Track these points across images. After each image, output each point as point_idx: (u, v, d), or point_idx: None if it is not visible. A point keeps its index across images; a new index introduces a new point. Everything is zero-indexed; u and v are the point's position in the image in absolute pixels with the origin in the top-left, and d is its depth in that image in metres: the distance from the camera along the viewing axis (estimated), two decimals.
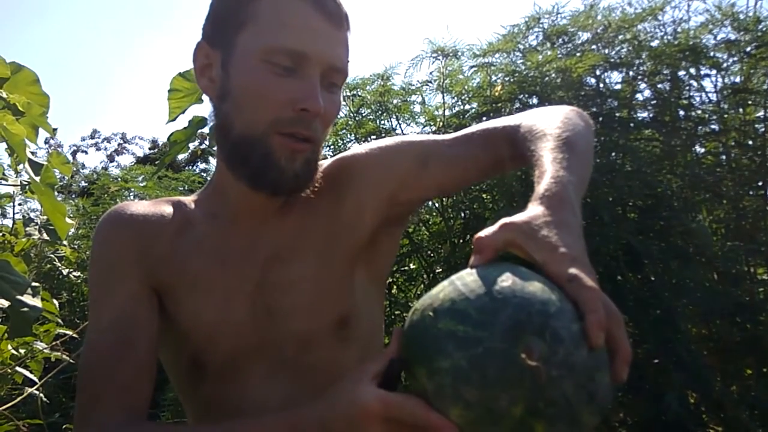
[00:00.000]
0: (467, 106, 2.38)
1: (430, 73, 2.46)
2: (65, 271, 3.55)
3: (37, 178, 1.47)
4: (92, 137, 17.15)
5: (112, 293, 0.80)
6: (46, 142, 13.25)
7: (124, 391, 0.76)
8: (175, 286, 0.82)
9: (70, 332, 2.17)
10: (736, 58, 2.01)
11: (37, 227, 2.01)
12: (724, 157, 2.07)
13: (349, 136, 2.58)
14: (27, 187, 1.79)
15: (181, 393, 0.88)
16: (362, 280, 0.88)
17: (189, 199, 0.89)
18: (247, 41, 0.76)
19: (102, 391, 0.76)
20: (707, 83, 2.06)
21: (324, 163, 0.89)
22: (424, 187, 0.87)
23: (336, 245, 0.85)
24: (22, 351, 1.97)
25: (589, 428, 0.50)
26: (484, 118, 2.28)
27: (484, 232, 0.59)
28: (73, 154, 16.38)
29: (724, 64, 2.02)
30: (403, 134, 0.86)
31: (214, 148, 0.90)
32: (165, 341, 0.83)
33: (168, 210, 0.86)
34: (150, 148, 16.53)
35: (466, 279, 0.55)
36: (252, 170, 0.78)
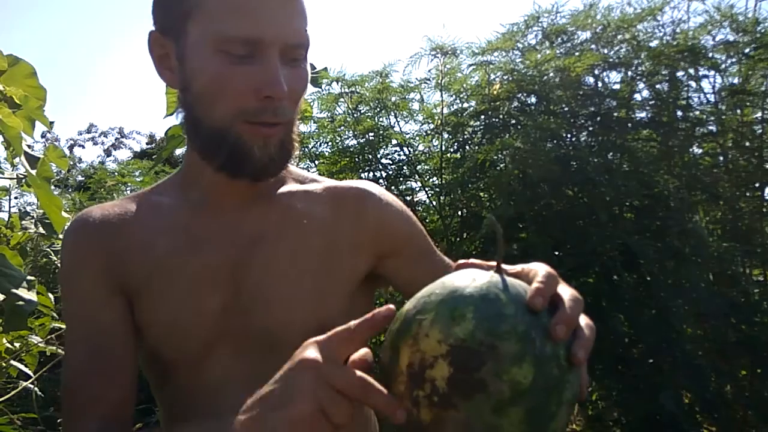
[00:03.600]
0: (465, 104, 2.38)
1: (429, 71, 2.46)
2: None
3: (34, 172, 1.47)
4: (89, 131, 17.11)
5: (81, 304, 0.80)
6: (43, 135, 13.21)
7: (96, 402, 0.75)
8: (146, 277, 0.79)
9: (65, 326, 2.17)
10: (734, 60, 2.01)
11: (33, 221, 2.01)
12: (721, 158, 2.07)
13: (347, 132, 2.57)
14: (23, 181, 1.78)
15: (151, 386, 0.86)
16: (355, 301, 0.86)
17: (153, 190, 0.87)
18: (195, 31, 0.72)
19: (75, 404, 0.76)
20: (705, 84, 2.06)
21: (342, 183, 0.89)
22: (401, 276, 0.88)
23: (327, 257, 0.83)
24: (17, 345, 1.97)
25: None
26: (482, 117, 2.28)
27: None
28: (70, 148, 16.35)
29: (723, 65, 2.02)
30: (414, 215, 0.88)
31: None
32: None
33: (132, 206, 0.84)
34: (147, 143, 16.50)
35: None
36: (226, 161, 0.76)
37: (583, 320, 0.56)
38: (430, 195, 2.48)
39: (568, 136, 2.09)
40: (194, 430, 0.79)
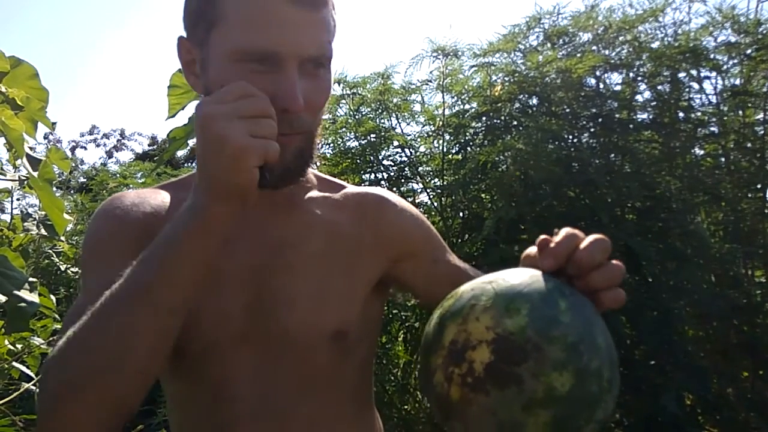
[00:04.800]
0: (467, 106, 2.38)
1: (431, 73, 2.46)
2: (63, 267, 3.55)
3: (36, 174, 1.47)
4: (91, 133, 17.13)
5: (105, 272, 0.74)
6: (45, 137, 13.25)
7: None
8: None
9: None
10: (736, 61, 2.01)
11: (35, 222, 2.01)
12: (723, 159, 2.07)
13: (348, 134, 2.57)
14: (25, 182, 1.78)
15: (163, 381, 0.87)
16: (369, 305, 0.89)
17: (178, 184, 0.89)
18: (218, 41, 0.74)
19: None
20: (707, 85, 2.06)
21: (361, 190, 0.93)
22: (416, 279, 0.92)
23: (347, 262, 0.87)
24: (19, 346, 1.97)
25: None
26: (484, 118, 2.28)
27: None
28: (72, 149, 16.36)
29: (724, 67, 2.02)
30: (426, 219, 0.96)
31: None
32: None
33: (164, 196, 0.85)
34: (149, 145, 16.51)
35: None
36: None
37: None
38: (431, 196, 2.48)
39: (570, 137, 2.09)
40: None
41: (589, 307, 0.57)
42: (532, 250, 0.67)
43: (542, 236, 0.65)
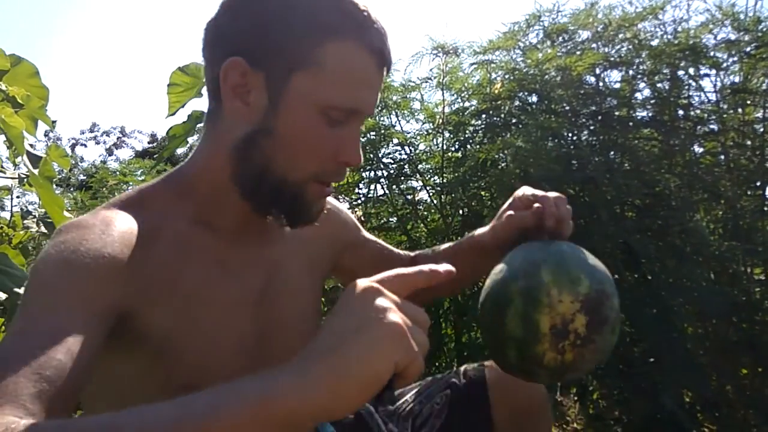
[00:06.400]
0: (467, 104, 2.38)
1: (430, 70, 2.46)
2: None
3: (36, 171, 1.47)
4: (91, 131, 17.12)
5: (67, 303, 0.63)
6: (45, 134, 13.24)
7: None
8: (162, 298, 0.72)
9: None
10: (735, 58, 2.01)
11: (35, 220, 2.01)
12: (722, 157, 2.07)
13: None
14: (25, 180, 1.79)
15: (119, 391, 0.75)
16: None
17: (140, 202, 0.79)
18: (307, 86, 0.72)
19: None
20: (707, 83, 2.05)
21: None
22: (353, 264, 1.06)
23: (314, 273, 0.95)
24: None
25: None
26: (484, 116, 2.28)
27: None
28: (72, 147, 16.36)
29: (724, 64, 2.02)
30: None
31: None
32: (134, 358, 0.72)
33: (136, 220, 0.74)
34: (149, 142, 16.51)
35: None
36: (283, 211, 0.79)
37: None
38: (431, 194, 2.48)
39: (569, 135, 2.09)
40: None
41: (590, 255, 0.81)
42: (522, 214, 0.91)
43: (524, 198, 0.93)
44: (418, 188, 2.55)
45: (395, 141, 2.48)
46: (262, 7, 0.72)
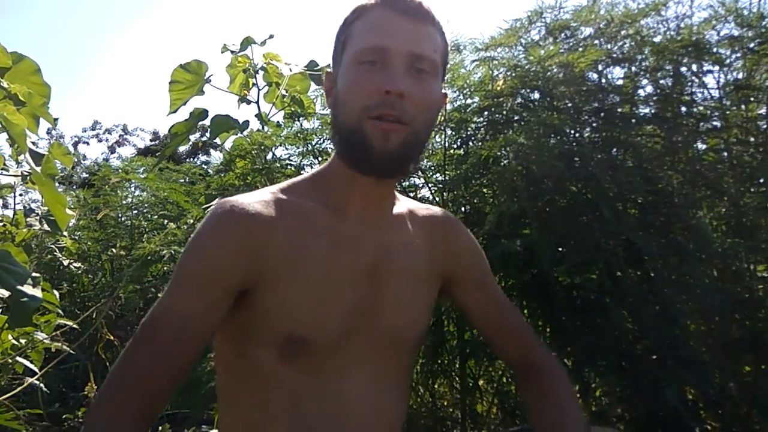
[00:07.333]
0: (469, 101, 2.38)
1: None
2: (66, 262, 3.56)
3: (38, 169, 1.47)
4: (93, 128, 17.11)
5: (202, 287, 0.85)
6: (48, 132, 13.24)
7: (147, 382, 0.84)
8: (282, 268, 0.88)
9: (70, 323, 2.18)
10: (739, 55, 2.00)
11: (37, 218, 2.02)
12: (725, 153, 2.06)
13: None
14: (28, 178, 1.79)
15: (252, 373, 0.92)
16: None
17: (288, 189, 0.98)
18: (346, 56, 0.92)
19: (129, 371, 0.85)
20: (710, 79, 2.05)
21: (434, 210, 1.10)
22: (458, 301, 1.10)
23: (427, 273, 1.02)
24: (22, 341, 1.98)
25: None
26: (486, 113, 2.28)
27: None
28: (74, 145, 16.35)
29: (727, 61, 2.01)
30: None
31: (216, 140, 1.11)
32: (253, 321, 0.89)
33: (275, 200, 0.94)
34: (151, 140, 16.49)
35: None
36: (353, 155, 0.91)
37: None
38: (433, 191, 2.48)
39: (572, 132, 2.08)
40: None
41: None
42: None
43: None
44: (420, 185, 2.55)
45: None
46: (338, 24, 0.97)
